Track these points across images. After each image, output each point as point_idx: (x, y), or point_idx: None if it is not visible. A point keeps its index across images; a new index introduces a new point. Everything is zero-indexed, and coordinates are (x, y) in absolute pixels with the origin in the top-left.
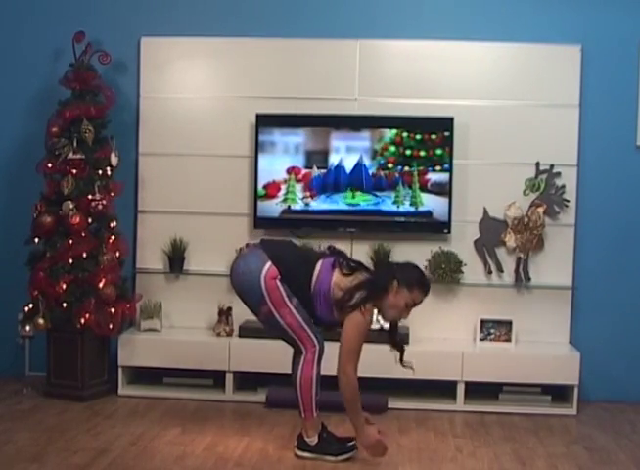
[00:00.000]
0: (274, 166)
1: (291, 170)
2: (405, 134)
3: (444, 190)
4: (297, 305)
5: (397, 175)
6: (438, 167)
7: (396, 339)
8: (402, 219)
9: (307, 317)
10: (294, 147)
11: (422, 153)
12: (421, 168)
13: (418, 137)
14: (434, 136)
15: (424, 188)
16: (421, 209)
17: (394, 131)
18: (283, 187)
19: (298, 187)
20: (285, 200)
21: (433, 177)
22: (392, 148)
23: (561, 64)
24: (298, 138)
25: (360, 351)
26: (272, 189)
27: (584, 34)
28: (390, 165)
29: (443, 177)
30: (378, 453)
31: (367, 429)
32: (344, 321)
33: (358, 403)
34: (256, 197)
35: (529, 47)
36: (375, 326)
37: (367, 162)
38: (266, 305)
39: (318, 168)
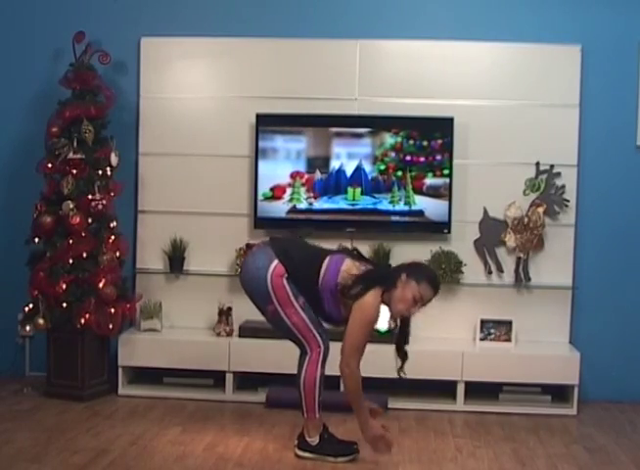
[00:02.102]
0: (276, 171)
1: (295, 175)
2: (405, 140)
3: (439, 193)
4: (303, 305)
5: (394, 179)
6: (438, 173)
7: (403, 344)
8: (397, 218)
9: (314, 317)
10: (295, 153)
11: (422, 158)
12: (415, 173)
13: (418, 143)
14: (433, 142)
15: (419, 191)
16: (414, 208)
17: (395, 138)
18: (289, 190)
19: (302, 190)
20: (291, 200)
21: (429, 181)
22: (392, 154)
23: (561, 64)
24: (300, 144)
25: (364, 346)
26: (278, 191)
27: (584, 34)
28: (391, 171)
29: (439, 181)
30: (381, 449)
31: (371, 423)
32: (350, 315)
33: (361, 397)
34: (256, 197)
35: (529, 47)
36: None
37: (368, 167)
38: (272, 304)
39: (321, 173)
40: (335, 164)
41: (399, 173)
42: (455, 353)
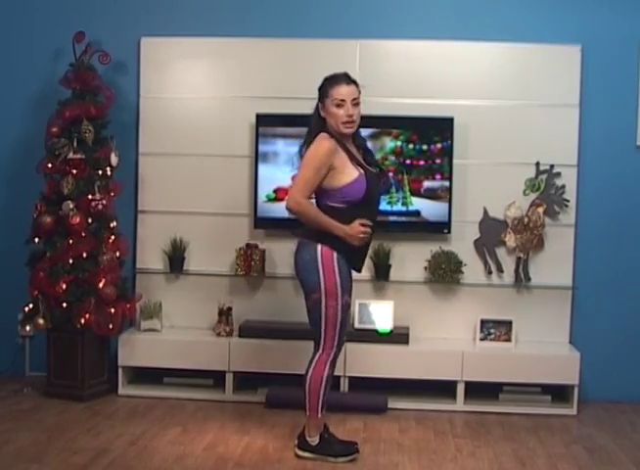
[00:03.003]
0: (277, 175)
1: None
2: (405, 144)
3: (436, 194)
4: (345, 304)
5: (392, 181)
6: (438, 176)
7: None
8: (395, 218)
9: (346, 321)
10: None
11: (421, 162)
12: (414, 176)
13: (417, 147)
14: (433, 146)
15: (416, 193)
16: (411, 208)
17: (395, 142)
18: None
19: None
20: None
21: (427, 184)
22: (392, 158)
23: (561, 64)
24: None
25: (311, 184)
26: (281, 193)
27: (584, 34)
28: (390, 174)
29: (437, 184)
30: (360, 239)
31: (347, 228)
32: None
33: (321, 217)
34: (257, 197)
35: (529, 47)
36: (385, 326)
37: None
38: (318, 293)
39: None
40: None
41: (398, 176)
42: (455, 353)
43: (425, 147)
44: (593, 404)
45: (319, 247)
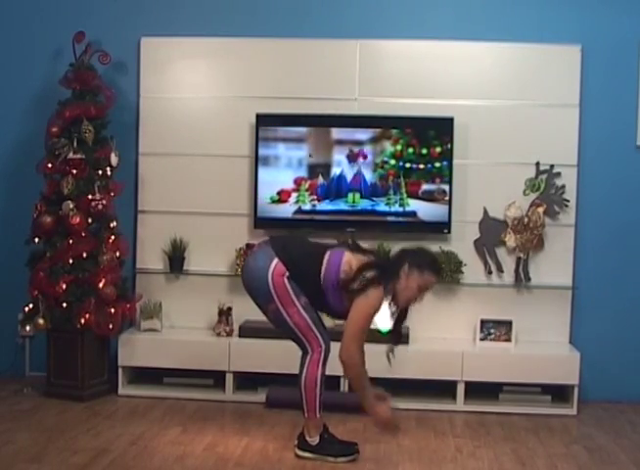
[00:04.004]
0: (278, 178)
1: (299, 180)
2: (405, 148)
3: (432, 196)
4: (305, 305)
5: (391, 184)
6: (437, 179)
7: (399, 325)
8: (392, 218)
9: (315, 317)
10: (297, 160)
11: (420, 166)
12: (412, 180)
13: (417, 151)
14: (432, 150)
15: (414, 195)
16: (407, 209)
17: (395, 146)
18: (294, 194)
19: (306, 193)
20: (297, 202)
21: (425, 187)
22: (392, 161)
23: (561, 64)
24: (302, 152)
25: (365, 333)
26: (284, 195)
27: (584, 34)
28: (390, 177)
29: (433, 187)
30: (389, 431)
31: (378, 408)
32: (352, 305)
33: (364, 381)
34: (257, 197)
35: (529, 47)
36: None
37: (368, 174)
38: (274, 304)
39: (323, 178)
40: (336, 171)
41: (396, 179)
42: (455, 353)
43: (424, 151)
44: (593, 404)
45: (275, 260)
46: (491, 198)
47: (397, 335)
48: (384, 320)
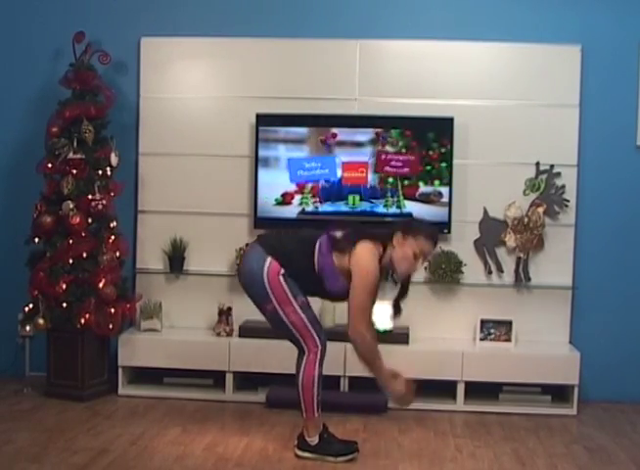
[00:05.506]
0: (279, 179)
1: (302, 184)
2: (405, 149)
3: (429, 199)
4: (302, 304)
5: (389, 187)
6: (436, 181)
7: (400, 299)
8: (390, 219)
9: (313, 317)
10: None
11: (419, 169)
12: (411, 182)
13: (417, 154)
14: (432, 152)
15: (411, 197)
16: (404, 211)
17: (395, 149)
18: (297, 196)
19: (309, 195)
20: (300, 204)
21: (422, 189)
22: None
23: (561, 64)
24: (302, 154)
25: (371, 307)
26: (288, 197)
27: (584, 34)
28: (391, 180)
29: (429, 189)
30: (405, 405)
31: (393, 383)
32: (352, 276)
33: (378, 361)
34: (257, 197)
35: (529, 47)
36: (386, 325)
37: (368, 176)
38: (271, 303)
39: (325, 182)
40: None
41: (394, 182)
42: (455, 353)
43: (423, 153)
44: (593, 404)
45: (268, 259)
46: (491, 198)
47: (397, 309)
48: (384, 320)
